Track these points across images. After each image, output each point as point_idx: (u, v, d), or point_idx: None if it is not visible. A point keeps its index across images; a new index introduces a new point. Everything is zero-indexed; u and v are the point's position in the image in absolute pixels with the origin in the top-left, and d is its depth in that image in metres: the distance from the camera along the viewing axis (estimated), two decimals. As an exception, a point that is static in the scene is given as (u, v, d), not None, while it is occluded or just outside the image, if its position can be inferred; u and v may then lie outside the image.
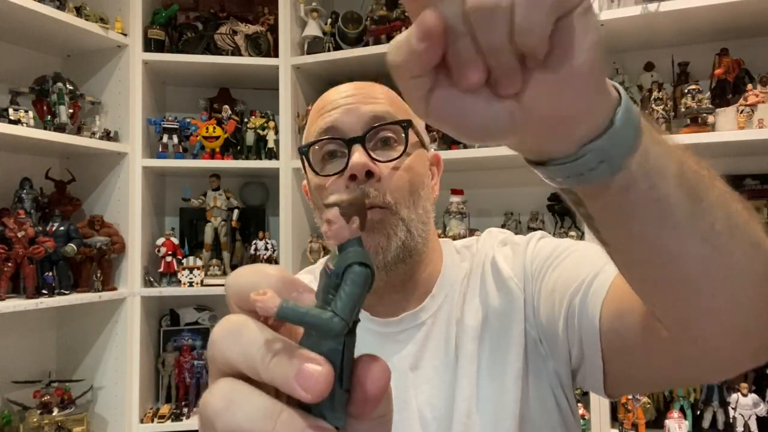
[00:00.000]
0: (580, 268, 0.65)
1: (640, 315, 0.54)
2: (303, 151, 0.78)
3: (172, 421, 2.08)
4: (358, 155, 0.72)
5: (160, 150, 2.16)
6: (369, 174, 0.72)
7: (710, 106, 1.69)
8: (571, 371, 0.69)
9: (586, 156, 0.35)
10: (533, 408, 0.70)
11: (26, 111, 1.82)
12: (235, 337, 0.29)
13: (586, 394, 1.73)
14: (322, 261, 0.92)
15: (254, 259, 2.19)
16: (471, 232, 2.01)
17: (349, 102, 0.76)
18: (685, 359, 0.52)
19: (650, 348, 0.54)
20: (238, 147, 2.26)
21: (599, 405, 1.69)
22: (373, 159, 0.73)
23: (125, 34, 2.10)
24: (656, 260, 0.42)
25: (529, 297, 0.73)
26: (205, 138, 2.19)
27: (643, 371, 0.60)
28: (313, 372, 0.26)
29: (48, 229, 1.90)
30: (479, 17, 0.28)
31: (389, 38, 2.07)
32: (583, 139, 0.35)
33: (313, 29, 2.20)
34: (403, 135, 0.76)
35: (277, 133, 2.22)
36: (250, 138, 2.23)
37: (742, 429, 1.60)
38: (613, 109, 0.36)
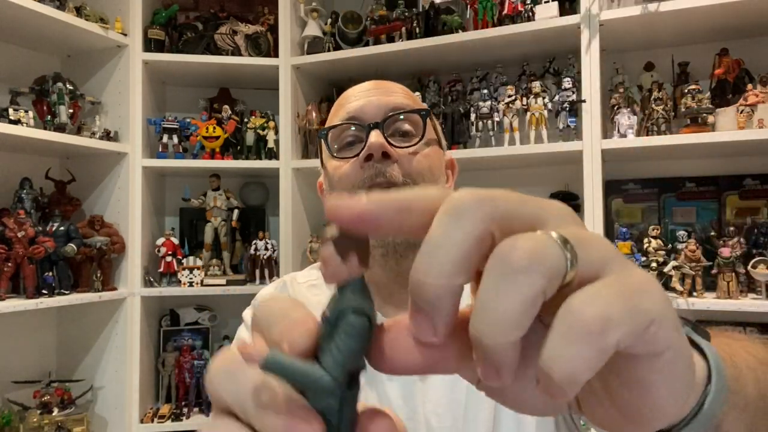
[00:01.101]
0: None
1: None
2: (322, 135, 0.79)
3: (172, 421, 2.08)
4: (375, 136, 0.73)
5: (160, 150, 2.16)
6: (385, 156, 0.73)
7: (710, 106, 1.69)
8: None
9: None
10: (555, 427, 0.70)
11: (26, 111, 1.81)
12: (230, 376, 0.27)
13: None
14: None
15: (254, 259, 2.19)
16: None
17: (370, 95, 0.79)
18: None
19: None
20: (238, 147, 2.26)
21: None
22: (391, 144, 0.74)
23: (125, 34, 2.10)
24: None
25: None
26: (205, 138, 2.18)
27: None
28: None
29: (48, 229, 1.90)
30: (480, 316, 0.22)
31: (389, 38, 2.07)
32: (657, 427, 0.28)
33: (313, 29, 2.20)
34: (422, 125, 0.77)
35: (277, 133, 2.22)
36: (250, 138, 2.23)
37: None
38: (701, 393, 0.30)
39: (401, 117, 0.77)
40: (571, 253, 0.22)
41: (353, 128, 0.77)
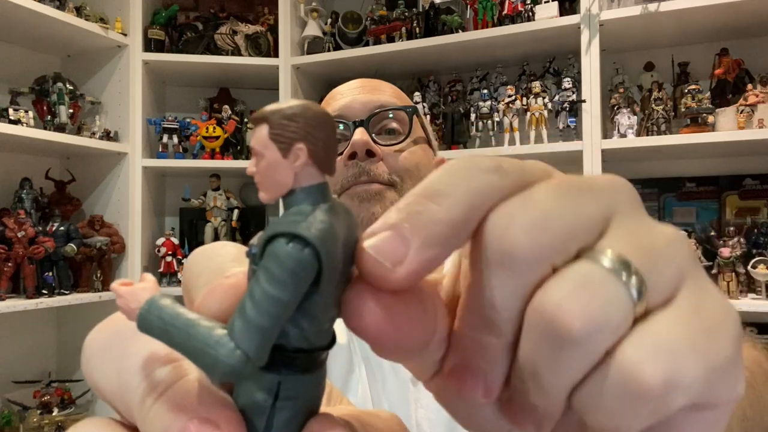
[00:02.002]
0: None
1: None
2: None
3: (172, 421, 2.08)
4: (359, 134, 0.72)
5: (160, 150, 2.16)
6: (369, 153, 0.72)
7: (710, 106, 1.69)
8: None
9: None
10: None
11: (26, 111, 1.81)
12: (111, 350, 0.19)
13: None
14: None
15: (254, 259, 2.19)
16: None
17: (356, 93, 0.78)
18: None
19: None
20: (238, 147, 2.26)
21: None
22: (375, 142, 0.73)
23: (125, 34, 2.10)
24: None
25: None
26: (205, 138, 2.18)
27: None
28: None
29: (48, 229, 1.89)
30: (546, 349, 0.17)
31: (389, 38, 2.07)
32: None
33: (313, 29, 2.20)
34: (408, 123, 0.76)
35: (277, 133, 2.22)
36: (250, 138, 2.23)
37: None
38: None
39: (389, 115, 0.77)
40: (638, 284, 0.16)
41: (339, 126, 0.76)
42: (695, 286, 0.17)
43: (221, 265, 0.19)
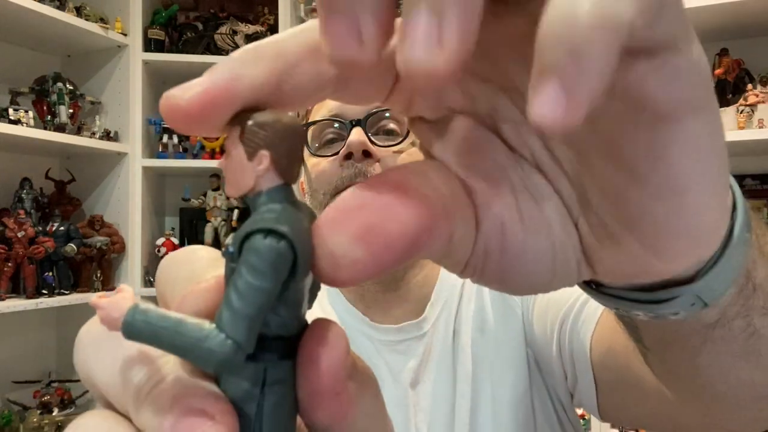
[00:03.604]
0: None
1: (636, 360, 0.43)
2: None
3: (172, 421, 2.08)
4: (355, 134, 0.69)
5: (160, 150, 2.16)
6: (366, 154, 0.69)
7: (710, 106, 1.69)
8: (569, 392, 0.66)
9: (673, 301, 0.21)
10: (538, 428, 0.68)
11: (26, 111, 1.82)
12: (107, 349, 0.19)
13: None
14: None
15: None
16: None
17: None
18: (693, 416, 0.41)
19: (648, 395, 0.47)
20: (238, 147, 2.26)
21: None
22: (373, 143, 0.71)
23: (125, 34, 2.10)
24: (713, 384, 0.31)
25: (526, 312, 0.69)
26: (205, 138, 2.19)
27: (638, 411, 0.53)
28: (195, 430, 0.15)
29: (48, 229, 1.90)
30: None
31: (389, 38, 2.08)
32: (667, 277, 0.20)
33: (313, 29, 2.21)
34: (407, 124, 0.75)
35: (277, 133, 2.23)
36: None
37: None
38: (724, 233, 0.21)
39: (386, 115, 0.75)
40: None
41: (335, 125, 0.73)
42: None
43: (194, 271, 0.19)
